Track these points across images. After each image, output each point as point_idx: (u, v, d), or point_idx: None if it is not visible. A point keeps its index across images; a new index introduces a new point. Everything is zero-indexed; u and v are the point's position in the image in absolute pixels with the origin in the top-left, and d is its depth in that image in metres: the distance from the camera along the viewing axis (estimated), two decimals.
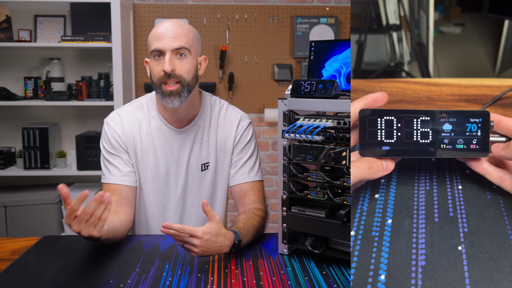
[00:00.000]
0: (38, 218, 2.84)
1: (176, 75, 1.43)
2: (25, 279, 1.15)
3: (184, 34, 1.45)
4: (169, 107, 1.46)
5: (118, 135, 1.53)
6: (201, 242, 1.19)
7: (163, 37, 1.43)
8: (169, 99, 1.44)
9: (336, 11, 3.25)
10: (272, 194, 3.34)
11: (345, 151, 1.14)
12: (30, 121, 3.14)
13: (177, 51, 1.43)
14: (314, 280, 1.14)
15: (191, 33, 1.47)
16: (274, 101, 3.28)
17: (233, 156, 1.60)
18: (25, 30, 3.06)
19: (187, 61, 1.45)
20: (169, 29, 1.44)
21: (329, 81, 1.22)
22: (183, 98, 1.45)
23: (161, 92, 1.45)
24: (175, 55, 1.44)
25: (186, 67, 1.45)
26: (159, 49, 1.43)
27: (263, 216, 1.48)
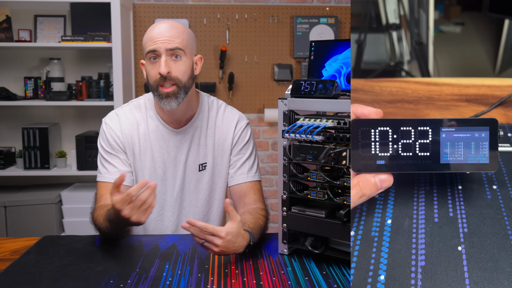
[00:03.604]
0: (38, 218, 2.84)
1: (172, 77, 1.44)
2: (25, 279, 1.15)
3: (178, 35, 1.45)
4: (166, 108, 1.47)
5: (117, 135, 1.53)
6: (222, 242, 1.18)
7: (158, 39, 1.43)
8: (166, 101, 1.45)
9: (336, 11, 3.25)
10: (272, 194, 3.34)
11: (345, 151, 1.14)
12: (30, 121, 3.13)
13: (172, 52, 1.43)
14: (314, 280, 1.14)
15: (185, 34, 1.47)
16: (274, 101, 3.28)
17: (232, 157, 1.60)
18: (25, 30, 3.06)
19: (182, 62, 1.45)
20: (163, 30, 1.44)
21: (329, 81, 1.22)
22: (180, 99, 1.46)
23: (158, 94, 1.45)
24: (170, 56, 1.44)
25: (181, 69, 1.45)
26: (154, 51, 1.43)
27: (266, 216, 1.48)
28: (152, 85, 1.47)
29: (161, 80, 1.44)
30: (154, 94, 1.47)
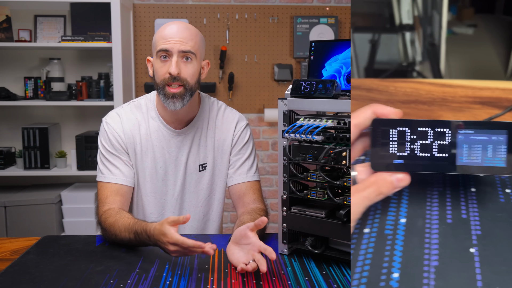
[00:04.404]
0: (38, 218, 2.84)
1: (181, 79, 1.44)
2: (25, 279, 1.15)
3: (192, 38, 1.45)
4: (170, 109, 1.46)
5: (119, 135, 1.53)
6: None
7: (171, 39, 1.43)
8: (171, 101, 1.45)
9: (336, 11, 3.25)
10: (272, 194, 3.34)
11: (345, 151, 1.14)
12: (30, 121, 3.14)
13: (183, 54, 1.44)
14: (314, 280, 1.14)
15: (198, 38, 1.48)
16: (274, 101, 3.28)
17: (231, 157, 1.60)
18: (25, 30, 3.06)
19: (192, 65, 1.46)
20: (177, 31, 1.44)
21: (329, 81, 1.22)
22: (185, 101, 1.46)
23: (164, 93, 1.45)
24: (181, 58, 1.44)
25: (191, 71, 1.45)
26: (166, 50, 1.43)
27: (265, 216, 1.47)
28: (158, 84, 1.46)
29: (170, 80, 1.44)
30: (160, 93, 1.47)
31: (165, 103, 1.46)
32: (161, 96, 1.46)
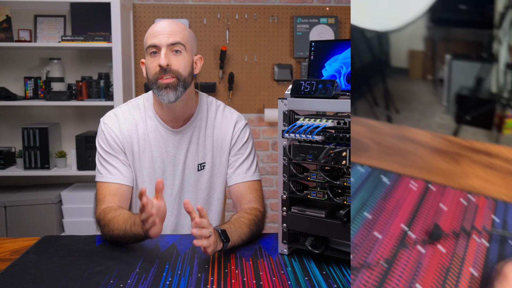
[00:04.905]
0: (38, 218, 2.84)
1: (173, 70, 1.44)
2: (25, 279, 1.15)
3: (179, 31, 1.47)
4: (164, 101, 1.46)
5: (116, 135, 1.53)
6: None
7: (159, 34, 1.45)
8: (164, 92, 1.44)
9: (336, 11, 3.25)
10: (272, 194, 3.34)
11: (345, 151, 1.14)
12: (30, 121, 3.14)
13: (172, 46, 1.44)
14: (314, 280, 1.14)
15: (186, 31, 1.49)
16: (274, 101, 3.28)
17: (230, 157, 1.60)
18: (25, 30, 3.06)
19: (182, 57, 1.46)
20: (165, 26, 1.46)
21: (329, 81, 1.22)
22: (179, 93, 1.46)
23: (157, 86, 1.45)
24: (170, 51, 1.45)
25: (182, 63, 1.46)
26: (154, 45, 1.44)
27: (257, 214, 1.45)
28: (151, 79, 1.47)
29: (161, 73, 1.44)
30: (153, 87, 1.47)
31: (158, 96, 1.46)
32: (155, 90, 1.46)
